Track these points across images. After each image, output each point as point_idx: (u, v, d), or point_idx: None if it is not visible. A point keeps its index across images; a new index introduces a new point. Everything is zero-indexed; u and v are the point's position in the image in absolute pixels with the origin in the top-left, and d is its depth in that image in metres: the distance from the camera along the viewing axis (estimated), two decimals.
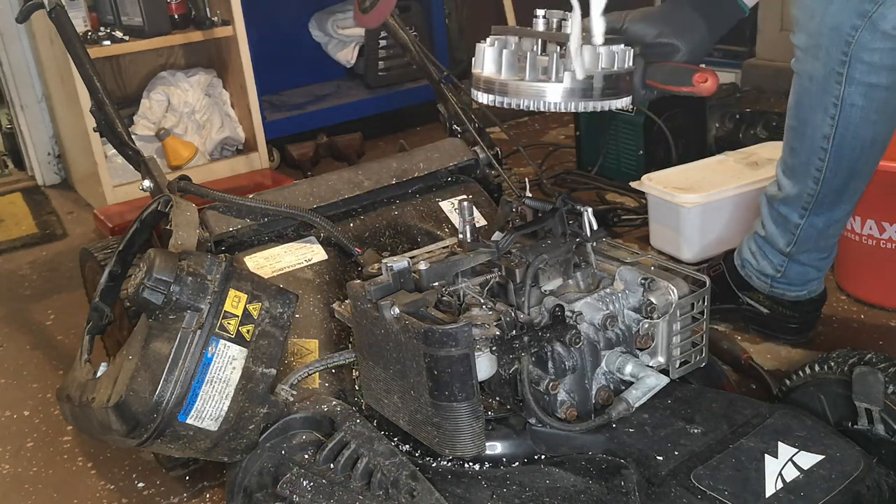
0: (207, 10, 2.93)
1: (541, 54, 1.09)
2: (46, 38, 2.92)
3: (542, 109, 1.07)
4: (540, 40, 1.10)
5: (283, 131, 3.28)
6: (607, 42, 1.07)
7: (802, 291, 1.74)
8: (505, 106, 1.09)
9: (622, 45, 1.09)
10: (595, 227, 1.22)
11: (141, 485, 1.56)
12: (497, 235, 1.25)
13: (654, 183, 2.16)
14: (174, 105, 3.06)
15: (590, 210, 1.22)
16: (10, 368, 2.01)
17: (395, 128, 3.55)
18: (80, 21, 2.86)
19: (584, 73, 1.04)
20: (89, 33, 2.83)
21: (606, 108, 1.09)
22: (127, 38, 2.82)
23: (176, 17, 2.89)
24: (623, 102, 1.10)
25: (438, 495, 1.03)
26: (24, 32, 3.17)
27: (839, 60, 1.45)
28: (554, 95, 1.05)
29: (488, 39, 1.11)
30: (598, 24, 1.03)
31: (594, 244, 1.24)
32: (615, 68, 1.07)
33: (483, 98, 1.09)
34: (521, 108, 1.07)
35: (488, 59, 1.08)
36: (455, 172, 1.68)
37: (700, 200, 2.07)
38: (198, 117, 3.10)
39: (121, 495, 1.54)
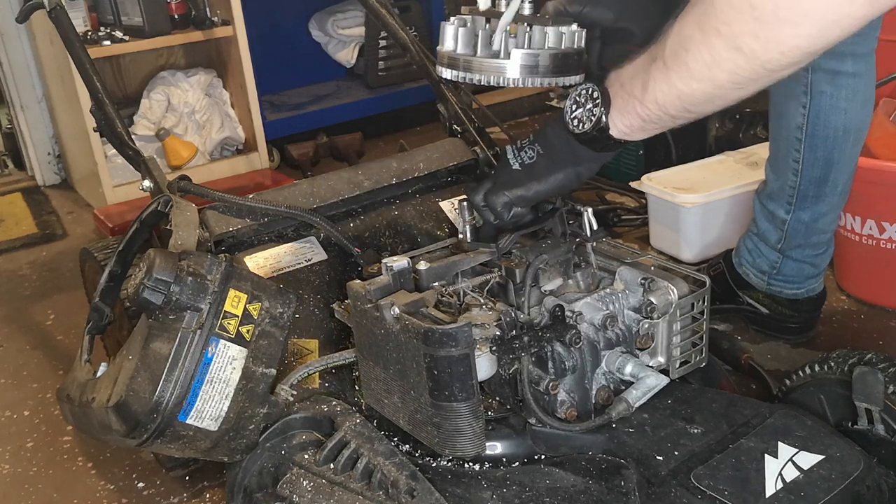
0: (207, 10, 2.93)
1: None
2: (46, 38, 2.92)
3: (494, 84, 1.12)
4: (490, 19, 1.15)
5: (283, 131, 3.27)
6: (557, 23, 1.10)
7: (800, 290, 1.74)
8: (467, 81, 1.14)
9: (572, 26, 1.12)
10: (595, 227, 1.22)
11: (141, 485, 1.56)
12: None
13: (654, 183, 2.16)
14: (174, 105, 3.06)
15: (590, 210, 1.22)
16: (10, 368, 2.01)
17: (395, 128, 3.55)
18: (80, 21, 2.86)
19: (503, 51, 1.10)
20: (89, 33, 2.83)
21: (555, 85, 1.14)
22: (127, 38, 2.82)
23: (176, 17, 2.89)
24: (573, 80, 1.14)
25: (438, 495, 1.03)
26: (24, 32, 3.17)
27: None
28: (508, 71, 1.10)
29: (451, 18, 1.14)
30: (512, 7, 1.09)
31: (594, 244, 1.24)
32: (562, 48, 1.11)
33: (447, 73, 1.13)
34: (480, 83, 1.12)
35: (449, 36, 1.12)
36: (455, 172, 1.68)
37: (700, 200, 2.07)
38: (198, 117, 3.10)
39: (121, 495, 1.54)
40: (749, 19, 0.88)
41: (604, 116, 1.08)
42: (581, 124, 1.11)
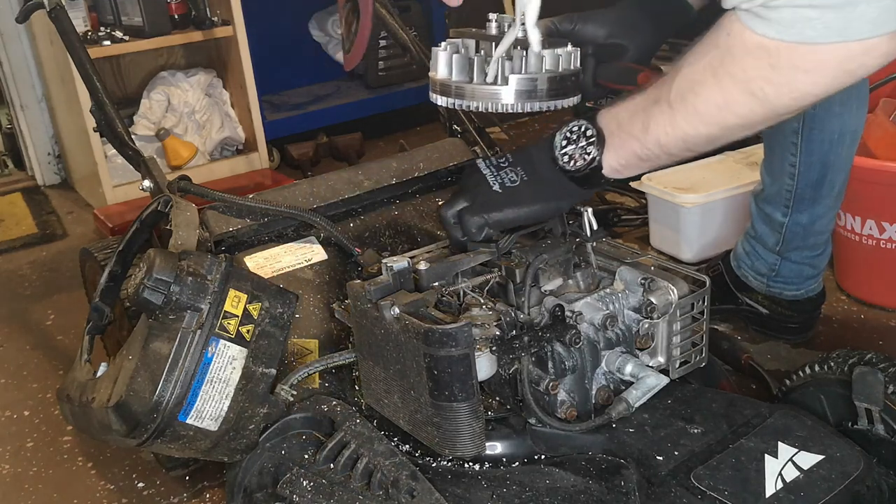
0: (207, 10, 2.93)
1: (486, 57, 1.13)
2: (46, 38, 2.93)
3: (491, 111, 1.12)
4: (481, 43, 1.14)
5: (283, 131, 3.27)
6: (552, 45, 1.10)
7: (800, 290, 1.74)
8: (458, 108, 1.14)
9: (567, 47, 1.12)
10: (595, 227, 1.22)
11: (141, 485, 1.56)
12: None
13: (654, 183, 2.16)
14: (174, 105, 3.06)
15: (590, 210, 1.22)
16: (10, 368, 2.01)
17: (395, 128, 3.55)
18: (80, 21, 2.86)
19: (500, 76, 1.09)
20: (89, 33, 2.83)
21: (553, 109, 1.13)
22: (127, 38, 2.82)
23: (176, 17, 2.89)
24: (570, 102, 1.14)
25: (438, 495, 1.03)
26: (24, 32, 3.17)
27: None
28: (504, 97, 1.09)
29: (442, 44, 1.13)
30: (534, 33, 1.08)
31: (594, 244, 1.24)
32: (559, 70, 1.10)
33: (440, 101, 1.13)
34: (473, 109, 1.12)
35: (442, 62, 1.11)
36: (455, 172, 1.68)
37: (700, 200, 2.07)
38: (198, 117, 3.10)
39: (121, 495, 1.54)
40: (765, 66, 0.91)
41: (598, 156, 1.08)
42: (573, 161, 1.11)
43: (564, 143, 1.11)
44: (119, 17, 2.89)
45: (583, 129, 1.10)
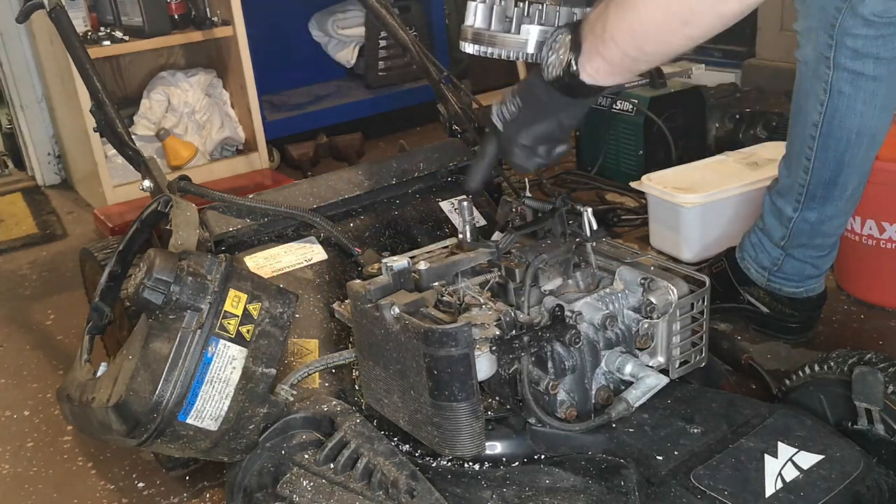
0: (207, 10, 2.93)
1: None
2: (46, 38, 2.93)
3: (516, 59, 1.15)
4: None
5: (283, 131, 3.28)
6: (568, 3, 1.10)
7: (800, 288, 1.74)
8: (487, 56, 1.16)
9: (586, 8, 1.12)
10: (595, 227, 1.22)
11: (141, 485, 1.56)
12: (497, 235, 1.25)
13: (654, 183, 2.16)
14: (174, 105, 3.06)
15: (590, 210, 1.22)
16: (10, 368, 2.01)
17: (395, 128, 3.55)
18: (80, 21, 2.86)
19: (516, 26, 1.12)
20: (89, 33, 2.83)
21: None
22: (127, 38, 2.82)
23: (176, 17, 2.90)
24: None
25: (438, 495, 1.03)
26: (24, 32, 3.17)
27: (826, 44, 1.47)
28: (525, 47, 1.11)
29: None
30: None
31: (594, 244, 1.24)
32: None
33: (469, 48, 1.14)
34: (501, 57, 1.15)
35: (471, 11, 1.13)
36: (455, 172, 1.68)
37: (700, 200, 2.07)
38: (198, 117, 3.10)
39: (121, 495, 1.54)
40: None
41: (573, 61, 1.07)
42: (553, 70, 1.10)
43: (550, 53, 1.11)
44: (119, 17, 2.89)
45: (563, 36, 1.09)
